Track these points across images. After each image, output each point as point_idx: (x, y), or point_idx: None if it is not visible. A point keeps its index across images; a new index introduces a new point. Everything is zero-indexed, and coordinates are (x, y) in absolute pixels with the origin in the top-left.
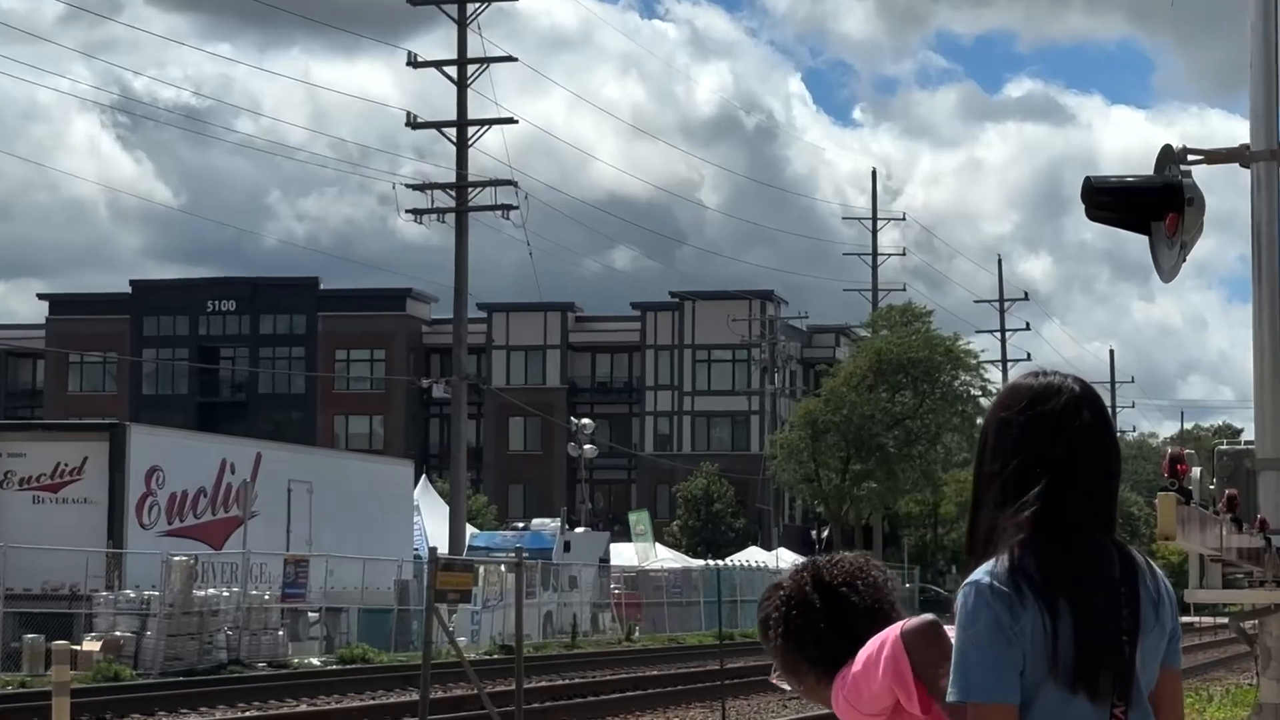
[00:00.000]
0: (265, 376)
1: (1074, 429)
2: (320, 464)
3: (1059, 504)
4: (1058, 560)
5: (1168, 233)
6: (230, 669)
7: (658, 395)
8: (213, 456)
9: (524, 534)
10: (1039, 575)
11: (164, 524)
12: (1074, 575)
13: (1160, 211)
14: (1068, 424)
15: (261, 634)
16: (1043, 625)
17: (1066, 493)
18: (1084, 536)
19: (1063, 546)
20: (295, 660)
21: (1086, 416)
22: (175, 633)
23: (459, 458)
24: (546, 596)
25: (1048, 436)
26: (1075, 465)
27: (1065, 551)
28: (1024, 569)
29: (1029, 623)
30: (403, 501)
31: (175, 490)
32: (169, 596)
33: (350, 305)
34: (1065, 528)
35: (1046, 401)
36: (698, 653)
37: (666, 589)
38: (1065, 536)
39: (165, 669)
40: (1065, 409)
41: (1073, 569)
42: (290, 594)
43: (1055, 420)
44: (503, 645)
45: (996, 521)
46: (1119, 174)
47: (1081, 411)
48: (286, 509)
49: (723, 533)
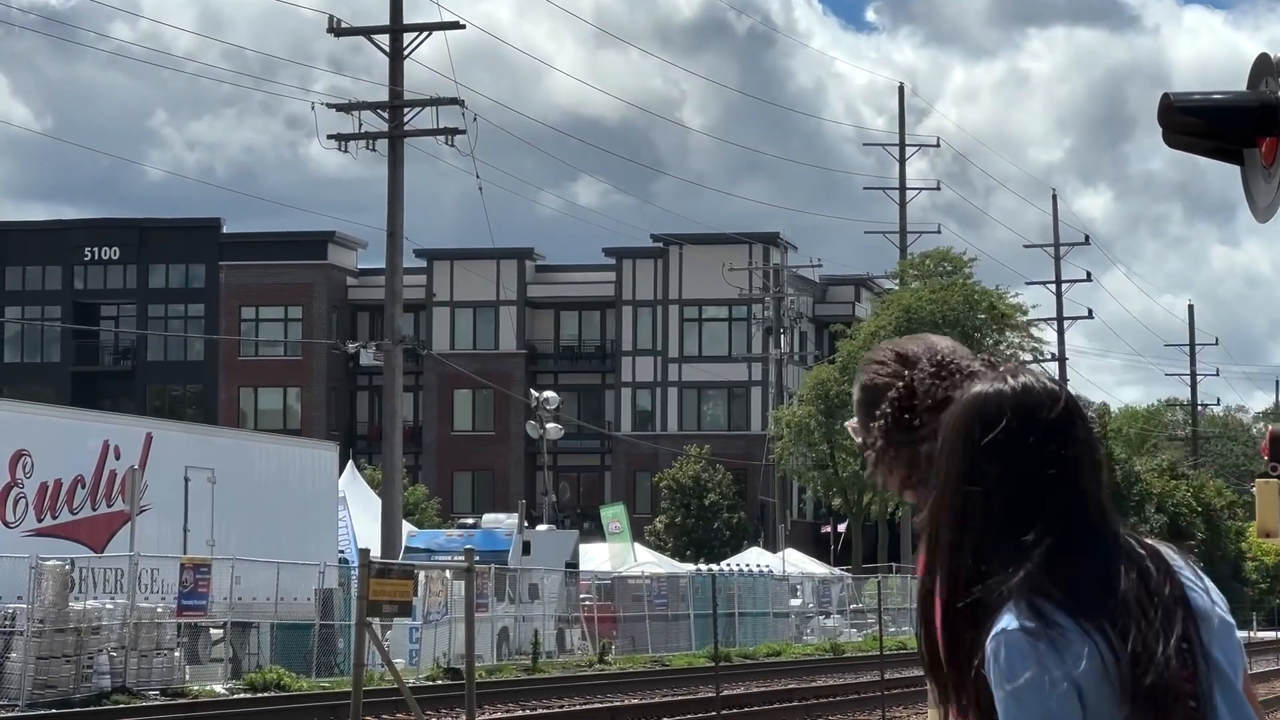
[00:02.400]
0: (156, 340)
1: (1073, 440)
2: (224, 447)
3: (1080, 530)
4: (1094, 576)
5: (1264, 162)
6: (114, 699)
7: (636, 362)
8: (92, 438)
9: (474, 533)
10: (1079, 599)
11: (32, 521)
12: (1116, 589)
13: (1256, 136)
14: (1064, 435)
15: (153, 655)
16: (1097, 654)
17: (1078, 517)
18: (1115, 545)
19: (1095, 561)
20: (194, 687)
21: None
22: (46, 654)
23: (393, 439)
24: (502, 609)
25: (1039, 449)
26: (1081, 483)
27: (1100, 567)
28: (1059, 598)
29: (1084, 654)
30: (325, 493)
31: (46, 480)
32: (39, 610)
33: (258, 253)
34: (1091, 541)
35: (1030, 409)
36: (687, 677)
37: (648, 599)
38: (1092, 553)
39: (34, 699)
40: (1056, 418)
41: (1114, 583)
42: (188, 606)
43: (1054, 430)
44: (449, 668)
45: (996, 554)
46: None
47: (1074, 420)
48: (183, 502)
49: (717, 531)
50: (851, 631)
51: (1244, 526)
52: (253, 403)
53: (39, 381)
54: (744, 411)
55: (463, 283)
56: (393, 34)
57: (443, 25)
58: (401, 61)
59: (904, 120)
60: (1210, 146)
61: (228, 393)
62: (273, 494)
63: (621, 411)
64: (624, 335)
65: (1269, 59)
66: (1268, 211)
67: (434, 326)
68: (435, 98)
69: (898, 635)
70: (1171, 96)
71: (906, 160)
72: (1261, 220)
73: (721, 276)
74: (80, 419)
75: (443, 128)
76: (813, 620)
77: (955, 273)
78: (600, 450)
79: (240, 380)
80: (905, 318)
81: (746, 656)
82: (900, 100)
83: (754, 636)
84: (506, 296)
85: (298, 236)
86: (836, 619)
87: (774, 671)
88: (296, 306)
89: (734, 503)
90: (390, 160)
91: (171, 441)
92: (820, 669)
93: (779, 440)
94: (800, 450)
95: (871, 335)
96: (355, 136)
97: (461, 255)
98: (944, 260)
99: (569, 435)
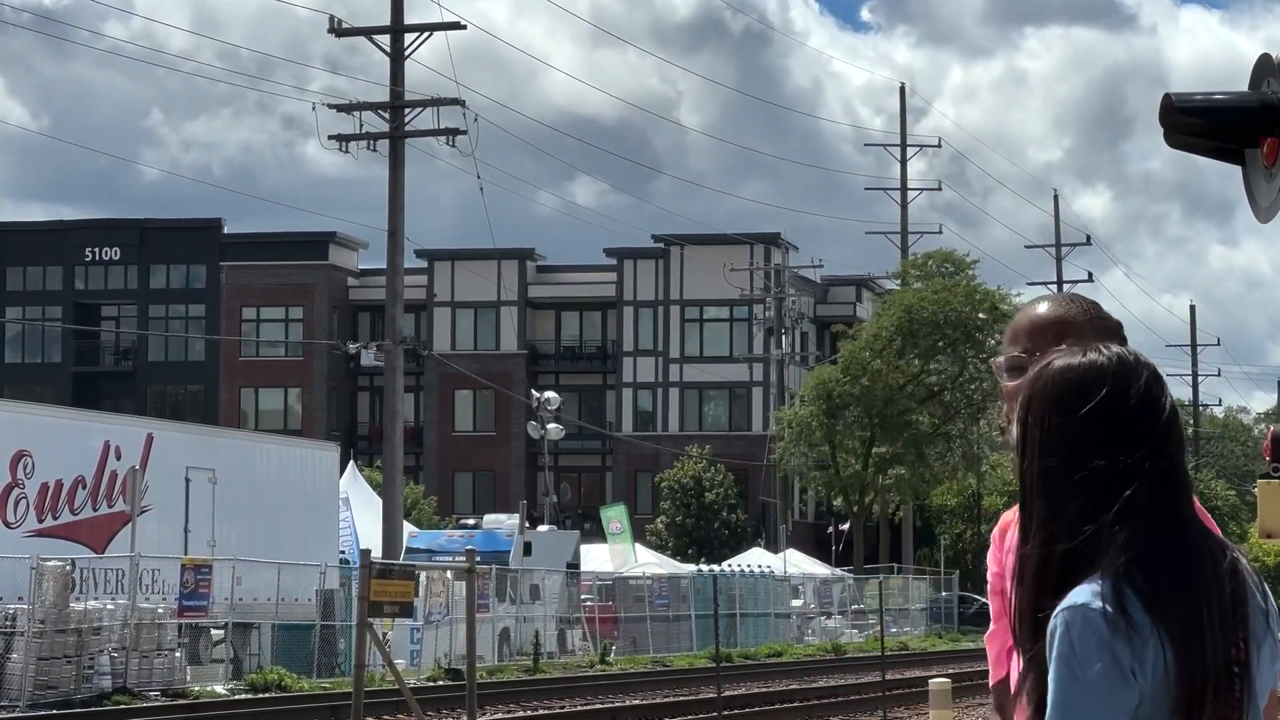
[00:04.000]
0: (157, 341)
1: (1165, 410)
2: (225, 448)
3: (1171, 501)
4: (1179, 570)
5: (1266, 162)
6: (115, 699)
7: (638, 362)
8: (93, 439)
9: (474, 533)
10: (1163, 592)
11: (33, 522)
12: (1195, 589)
13: (1258, 136)
14: (1158, 405)
15: (154, 656)
16: (1163, 657)
17: (1170, 486)
18: (1198, 536)
19: (1181, 553)
20: (195, 688)
21: (1168, 394)
22: (47, 655)
23: (394, 440)
24: (503, 609)
25: (1137, 423)
26: (1173, 452)
27: (1185, 559)
28: (1145, 587)
29: (1151, 656)
30: (326, 493)
31: (47, 480)
32: (40, 611)
33: (259, 253)
34: (1181, 528)
35: (1127, 382)
36: (688, 678)
37: (649, 600)
38: (1182, 539)
39: (35, 700)
40: (1150, 387)
41: (1195, 582)
42: (189, 607)
43: (1145, 402)
44: (450, 669)
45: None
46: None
47: (1164, 389)
48: (184, 503)
49: (717, 531)
50: (853, 632)
51: (1246, 528)
52: (254, 403)
53: (40, 382)
54: (745, 412)
55: (463, 283)
56: (393, 34)
57: (444, 25)
58: (402, 62)
59: (905, 120)
60: (1212, 147)
61: (228, 393)
62: (274, 494)
63: (622, 412)
64: (625, 336)
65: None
66: (1269, 212)
67: (435, 327)
68: (436, 98)
69: (899, 636)
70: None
71: (907, 160)
72: (1263, 221)
73: (722, 277)
74: (81, 419)
75: (444, 128)
76: (814, 621)
77: (958, 273)
78: (601, 451)
79: (241, 381)
80: (907, 318)
81: (748, 657)
82: (901, 100)
83: (755, 637)
84: (507, 297)
85: (298, 237)
86: (838, 619)
87: (775, 672)
88: (297, 307)
89: (735, 503)
90: (391, 160)
91: (172, 442)
92: (821, 670)
93: (780, 441)
94: (801, 450)
95: (873, 336)
96: (356, 137)
97: (462, 255)
98: (945, 261)
99: (570, 436)
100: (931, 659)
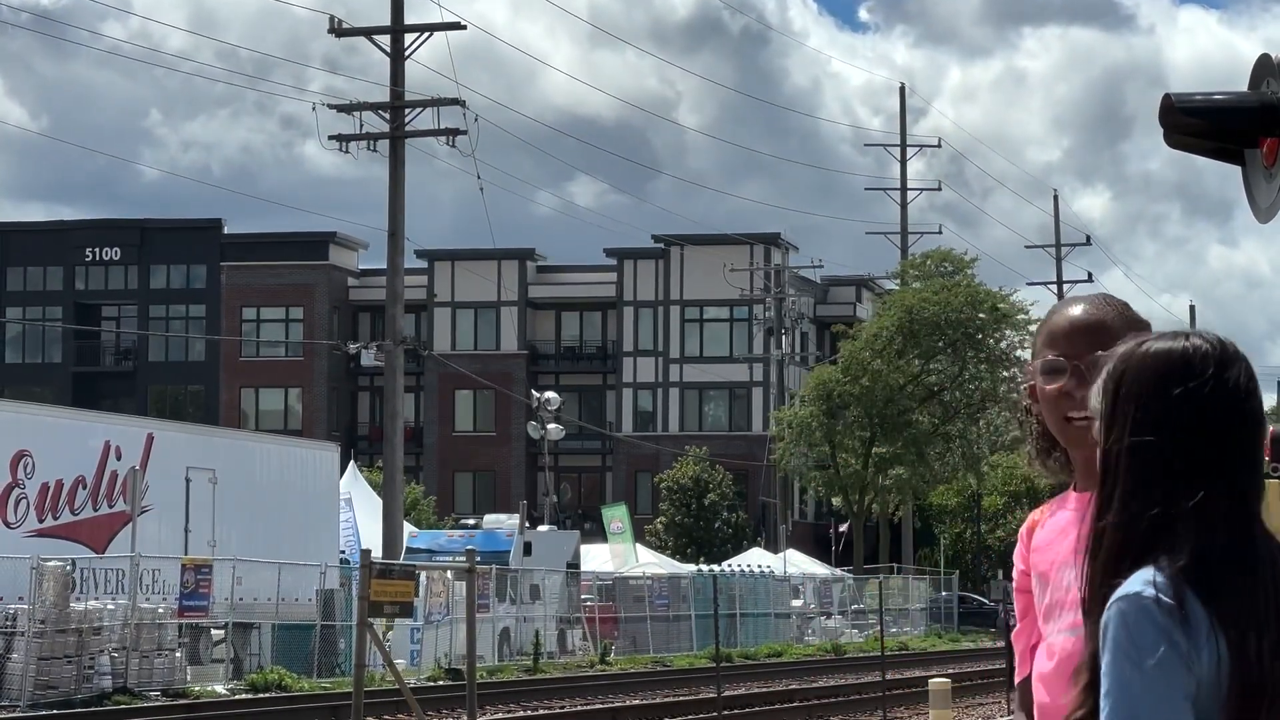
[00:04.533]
0: (157, 341)
1: (1257, 404)
2: (225, 448)
3: (1248, 498)
4: (1242, 569)
5: (1265, 162)
6: (116, 699)
7: (638, 363)
8: (93, 439)
9: (475, 533)
10: (1223, 589)
11: (33, 522)
12: (1255, 590)
13: (1257, 136)
14: (1254, 398)
15: (154, 656)
16: (1216, 655)
17: (1252, 481)
18: (1264, 537)
19: (1247, 552)
20: (195, 688)
21: (1259, 389)
22: (48, 655)
23: (394, 440)
24: (503, 609)
25: (1233, 411)
26: (1258, 448)
27: (1250, 559)
28: (1205, 581)
29: (1205, 651)
30: (327, 493)
31: (47, 480)
32: (40, 611)
33: (259, 254)
34: (1250, 526)
35: (1228, 369)
36: (688, 678)
37: (650, 600)
38: (1249, 538)
39: (35, 700)
40: (1248, 379)
41: (1256, 583)
42: (189, 607)
43: (1240, 392)
44: (450, 669)
45: (1163, 514)
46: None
47: (1255, 381)
48: (184, 503)
49: (717, 531)
50: (853, 632)
51: None
52: (254, 403)
53: (40, 382)
54: (745, 412)
55: (463, 283)
56: (393, 34)
57: (444, 26)
58: (402, 62)
59: (905, 120)
60: (1212, 147)
61: (229, 393)
62: (274, 495)
63: (623, 412)
64: (625, 336)
65: (1269, 59)
66: (1269, 212)
67: (435, 327)
68: (436, 98)
69: (899, 636)
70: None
71: (907, 160)
72: (1263, 221)
73: (722, 277)
74: (81, 419)
75: (443, 128)
76: (814, 621)
77: (957, 273)
78: (601, 451)
79: (241, 381)
80: (907, 318)
81: (748, 657)
82: (901, 100)
83: (755, 637)
84: (507, 297)
85: (298, 237)
86: (838, 619)
87: (775, 672)
88: (297, 307)
89: (735, 503)
90: (391, 161)
91: (173, 442)
92: (821, 669)
93: (780, 441)
94: (801, 451)
95: (873, 336)
96: (356, 137)
97: (462, 256)
98: (945, 260)
99: (570, 436)
100: (931, 659)
